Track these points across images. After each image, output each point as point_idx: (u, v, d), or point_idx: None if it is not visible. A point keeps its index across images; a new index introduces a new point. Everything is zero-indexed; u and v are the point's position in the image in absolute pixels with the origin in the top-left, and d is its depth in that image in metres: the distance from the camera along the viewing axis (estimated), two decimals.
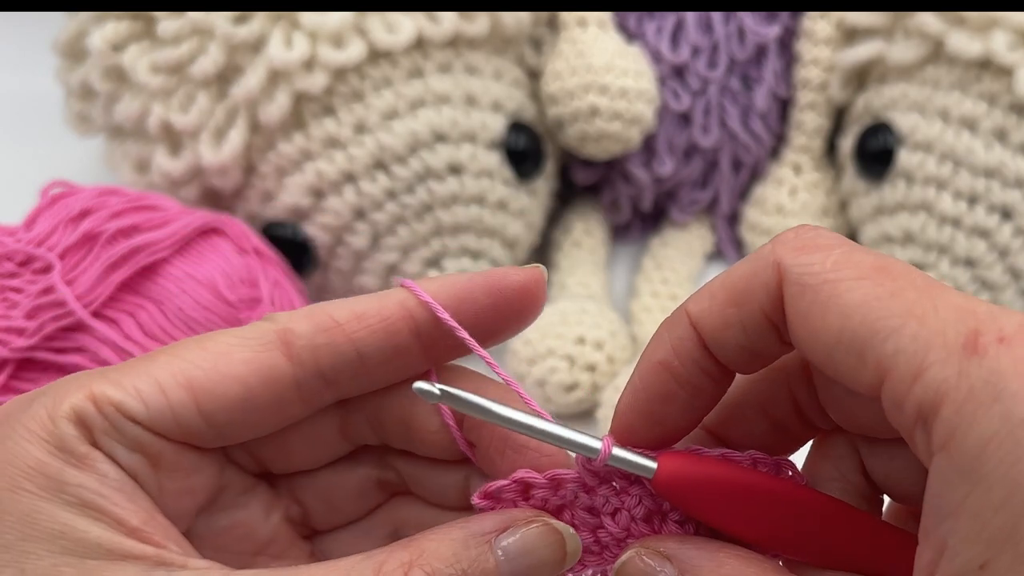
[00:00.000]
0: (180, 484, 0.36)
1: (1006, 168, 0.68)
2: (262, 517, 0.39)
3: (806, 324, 0.32)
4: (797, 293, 0.32)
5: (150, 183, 0.72)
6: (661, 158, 0.80)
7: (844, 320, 0.31)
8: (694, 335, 0.35)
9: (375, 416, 0.39)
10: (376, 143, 0.69)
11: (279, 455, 0.39)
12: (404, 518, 0.41)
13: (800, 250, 0.33)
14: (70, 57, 0.73)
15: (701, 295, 0.35)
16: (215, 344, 0.36)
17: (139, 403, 0.35)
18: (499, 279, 0.38)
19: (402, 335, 0.37)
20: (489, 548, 0.34)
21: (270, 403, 0.36)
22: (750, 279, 0.34)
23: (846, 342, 0.31)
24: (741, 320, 0.34)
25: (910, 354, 0.30)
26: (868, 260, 0.32)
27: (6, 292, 0.60)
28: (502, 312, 0.38)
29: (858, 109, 0.77)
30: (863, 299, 0.31)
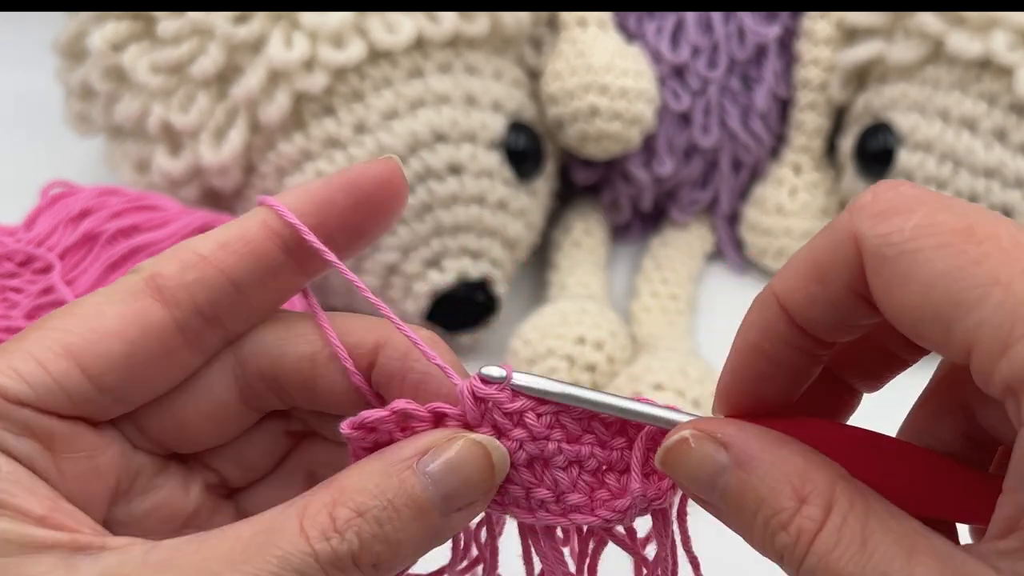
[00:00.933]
0: (82, 466, 0.35)
1: (1006, 168, 0.68)
2: (181, 493, 0.38)
3: (889, 297, 0.31)
4: (877, 266, 0.31)
5: (150, 183, 0.72)
6: (661, 158, 0.80)
7: (926, 293, 0.30)
8: (783, 315, 0.34)
9: (276, 384, 0.37)
10: (376, 143, 0.69)
11: (185, 439, 0.38)
12: (316, 458, 0.40)
13: (877, 217, 0.31)
14: (70, 57, 0.73)
15: (786, 273, 0.34)
16: (85, 307, 0.35)
17: (19, 383, 0.33)
18: (356, 176, 0.37)
19: (271, 254, 0.36)
20: (412, 472, 0.33)
21: (157, 353, 0.35)
22: (831, 254, 0.33)
23: (930, 315, 0.30)
24: (828, 297, 0.33)
25: (995, 326, 0.29)
26: (951, 222, 0.30)
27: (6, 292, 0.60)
28: (364, 208, 0.37)
29: (858, 109, 0.77)
30: (944, 269, 0.30)
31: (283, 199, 0.36)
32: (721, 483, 0.33)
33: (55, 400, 0.34)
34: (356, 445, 0.36)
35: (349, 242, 0.37)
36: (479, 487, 0.35)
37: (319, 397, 0.37)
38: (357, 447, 0.36)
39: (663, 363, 0.66)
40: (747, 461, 0.32)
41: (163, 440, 0.37)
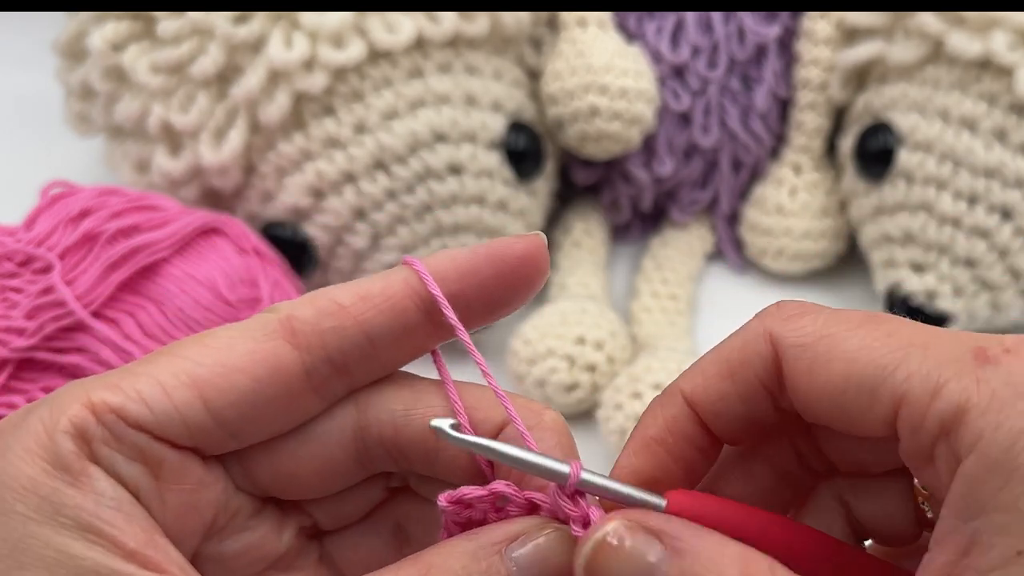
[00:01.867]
0: (184, 499, 0.35)
1: (1006, 168, 0.68)
2: (274, 537, 0.38)
3: (810, 380, 0.33)
4: (796, 354, 0.33)
5: (150, 183, 0.72)
6: (661, 158, 0.80)
7: (849, 365, 0.32)
8: (688, 412, 0.36)
9: (396, 450, 0.38)
10: (376, 143, 0.69)
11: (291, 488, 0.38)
12: (406, 513, 0.40)
13: (789, 319, 0.34)
14: (70, 57, 0.73)
15: (693, 373, 0.36)
16: (216, 339, 0.35)
17: (142, 406, 0.33)
18: (501, 249, 0.37)
19: (409, 313, 0.36)
20: (500, 559, 0.33)
21: (280, 394, 0.35)
22: (742, 351, 0.35)
23: (855, 385, 0.32)
24: (737, 391, 0.35)
25: (923, 376, 0.31)
26: (855, 315, 0.33)
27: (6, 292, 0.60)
28: (506, 282, 0.37)
29: (858, 109, 0.77)
30: (863, 343, 0.32)
31: (428, 262, 0.37)
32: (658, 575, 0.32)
33: (173, 428, 0.34)
34: (449, 519, 0.36)
35: (485, 312, 0.37)
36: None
37: (437, 467, 0.37)
38: (450, 520, 0.36)
39: (663, 363, 0.66)
40: (686, 549, 0.32)
41: (268, 486, 0.37)
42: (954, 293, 0.71)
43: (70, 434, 0.32)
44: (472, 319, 0.37)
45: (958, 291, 0.71)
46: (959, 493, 0.30)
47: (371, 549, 0.39)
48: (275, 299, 0.64)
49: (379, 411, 0.37)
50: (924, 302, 0.71)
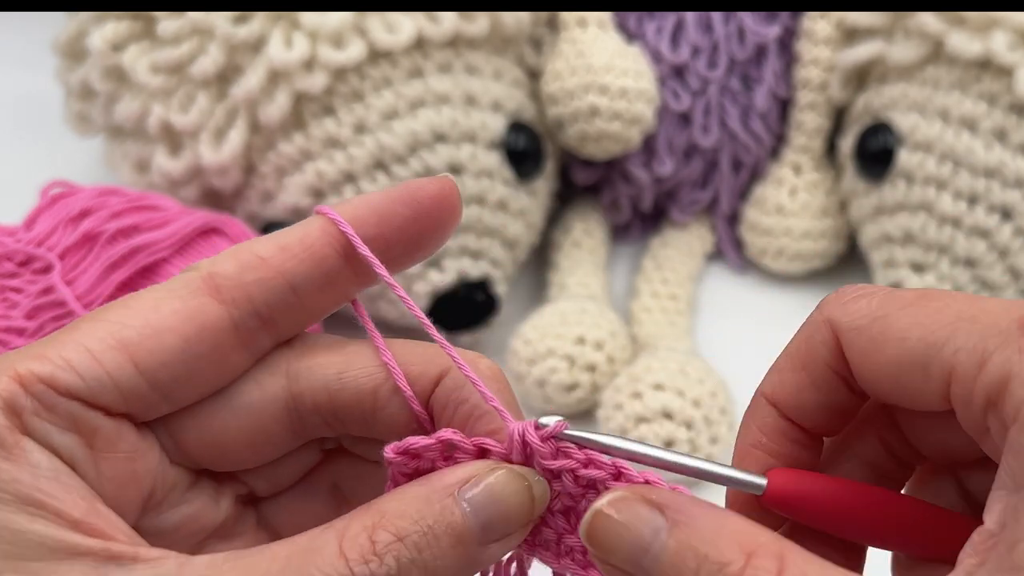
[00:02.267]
0: (121, 469, 0.34)
1: (1006, 168, 0.68)
2: (211, 507, 0.38)
3: (869, 362, 0.34)
4: (854, 337, 0.34)
5: (150, 183, 0.72)
6: (661, 158, 0.80)
7: (902, 344, 0.33)
8: (773, 411, 0.37)
9: (332, 416, 0.37)
10: (376, 143, 0.69)
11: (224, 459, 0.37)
12: (342, 473, 0.40)
13: (845, 303, 0.35)
14: (70, 57, 0.73)
15: (769, 374, 0.37)
16: (141, 301, 0.35)
17: (71, 374, 0.33)
18: (415, 190, 0.37)
19: (329, 260, 0.36)
20: (454, 501, 0.33)
21: (210, 351, 0.35)
22: (808, 342, 0.36)
23: (908, 363, 0.33)
24: (812, 381, 0.36)
25: (970, 350, 0.32)
26: (908, 294, 0.34)
27: (6, 292, 0.60)
28: (421, 223, 0.37)
29: (858, 109, 0.77)
30: (914, 320, 0.33)
31: (341, 208, 0.37)
32: (655, 546, 0.31)
33: (106, 394, 0.33)
34: (396, 470, 0.36)
35: (405, 255, 0.38)
36: (518, 519, 0.34)
37: (376, 428, 0.37)
38: (397, 472, 0.36)
39: (663, 363, 0.66)
40: (686, 520, 0.32)
41: (200, 458, 0.37)
42: None
43: (0, 408, 0.32)
44: (390, 263, 0.37)
45: (958, 291, 0.71)
46: (1006, 462, 0.31)
47: (309, 511, 0.39)
48: None
49: (311, 379, 0.37)
50: None
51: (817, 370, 0.36)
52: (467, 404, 0.36)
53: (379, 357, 0.37)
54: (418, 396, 0.37)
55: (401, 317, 0.72)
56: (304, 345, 0.37)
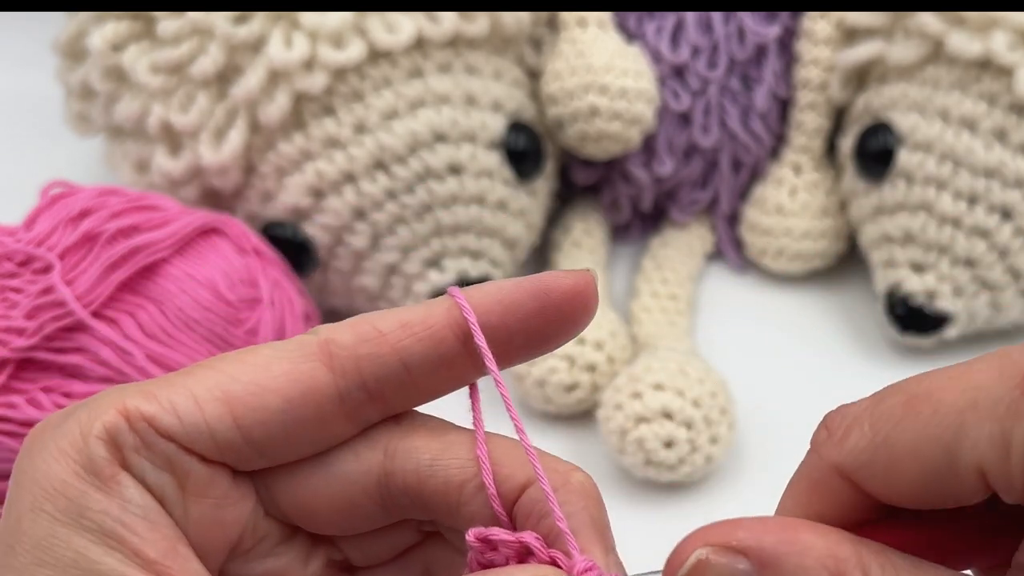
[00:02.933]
0: (209, 513, 0.35)
1: (1006, 168, 0.68)
2: (300, 566, 0.38)
3: (893, 488, 0.33)
4: (867, 474, 0.33)
5: (150, 183, 0.72)
6: (661, 158, 0.80)
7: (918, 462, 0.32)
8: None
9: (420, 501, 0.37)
10: (376, 143, 0.69)
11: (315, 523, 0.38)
12: (436, 558, 0.40)
13: (840, 441, 0.34)
14: (70, 57, 0.73)
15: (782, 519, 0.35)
16: (256, 356, 0.35)
17: (173, 417, 0.33)
18: (548, 283, 0.36)
19: (448, 343, 0.36)
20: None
21: (311, 416, 0.35)
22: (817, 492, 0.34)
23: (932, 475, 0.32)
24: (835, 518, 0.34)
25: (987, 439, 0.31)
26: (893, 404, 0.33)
27: (6, 292, 0.60)
28: (550, 318, 0.36)
29: (858, 109, 0.77)
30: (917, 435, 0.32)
31: (471, 293, 0.36)
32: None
33: (201, 441, 0.34)
34: (474, 556, 0.36)
35: (526, 348, 0.37)
36: None
37: (459, 521, 0.37)
38: (474, 560, 0.36)
39: (663, 363, 0.66)
40: (771, 561, 0.32)
41: (292, 515, 0.37)
42: (954, 293, 0.71)
43: (103, 439, 0.33)
44: (512, 354, 0.37)
45: (958, 291, 0.71)
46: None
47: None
48: (275, 299, 0.64)
49: (405, 459, 0.37)
50: (924, 302, 0.71)
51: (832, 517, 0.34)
52: (550, 518, 0.36)
53: (475, 450, 0.36)
54: (504, 498, 0.36)
55: None
56: (409, 424, 0.37)
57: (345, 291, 0.72)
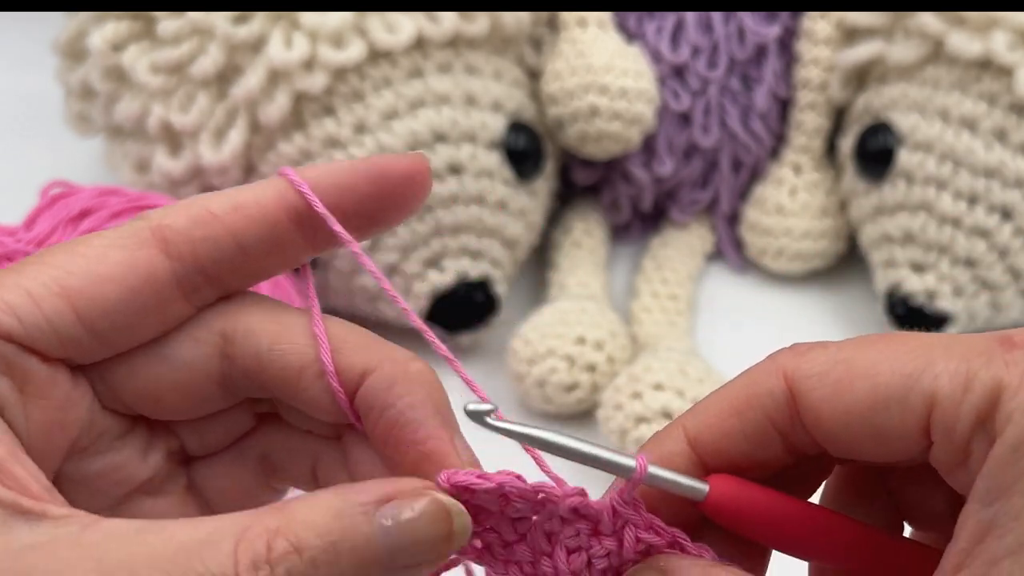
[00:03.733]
0: (50, 416, 0.34)
1: (1006, 168, 0.68)
2: (139, 459, 0.37)
3: (832, 408, 0.32)
4: (814, 385, 0.33)
5: (150, 183, 0.72)
6: (661, 158, 0.80)
7: (872, 380, 0.32)
8: (687, 450, 0.35)
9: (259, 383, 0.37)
10: (376, 143, 0.69)
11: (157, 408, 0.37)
12: (272, 442, 0.39)
13: (801, 354, 0.34)
14: (70, 57, 0.73)
15: (696, 412, 0.35)
16: (87, 247, 0.34)
17: (11, 317, 0.32)
18: (383, 166, 0.36)
19: (282, 224, 0.36)
20: (366, 520, 0.31)
21: (151, 302, 0.35)
22: (752, 388, 0.34)
23: (882, 398, 0.31)
24: (743, 430, 0.34)
25: (952, 372, 0.31)
26: (870, 336, 0.33)
27: None
28: (385, 200, 0.37)
29: (858, 109, 0.77)
30: (883, 356, 0.32)
31: (304, 173, 0.36)
32: None
33: (43, 339, 0.33)
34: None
35: (361, 228, 0.37)
36: (430, 554, 0.32)
37: (299, 403, 0.37)
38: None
39: (663, 363, 0.66)
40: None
41: (133, 404, 0.37)
42: (954, 293, 0.71)
43: None
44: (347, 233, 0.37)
45: (958, 291, 0.71)
46: (983, 477, 0.30)
47: (238, 479, 0.39)
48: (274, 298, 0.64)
49: (244, 344, 0.36)
50: (924, 302, 0.71)
51: (754, 420, 0.34)
52: (393, 409, 0.35)
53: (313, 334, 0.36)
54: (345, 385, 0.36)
55: (400, 318, 0.72)
56: (243, 305, 0.37)
57: (345, 291, 0.72)
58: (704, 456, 0.35)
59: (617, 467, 0.33)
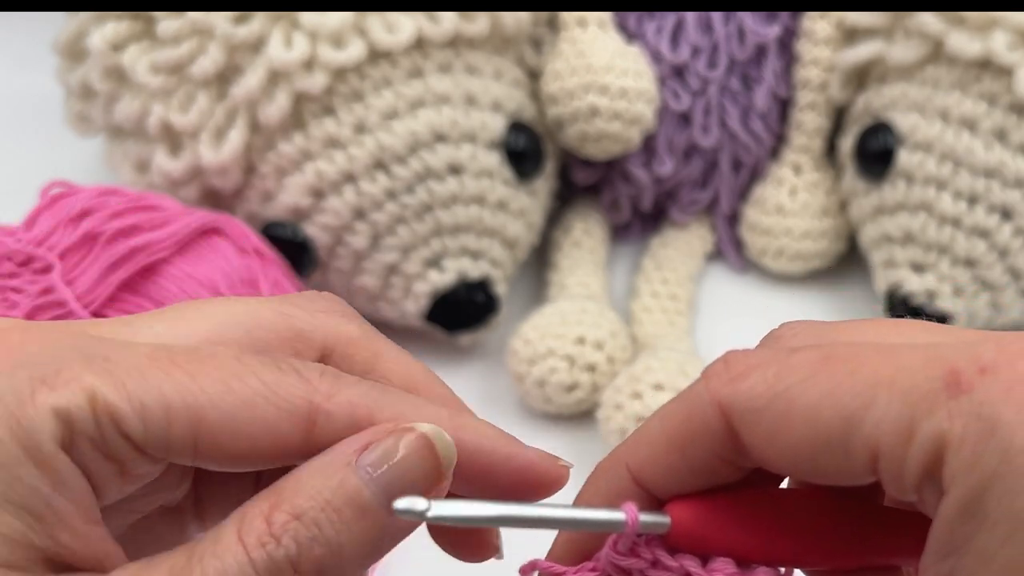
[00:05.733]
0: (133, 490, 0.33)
1: (1006, 168, 0.68)
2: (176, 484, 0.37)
3: (773, 447, 0.31)
4: (752, 421, 0.31)
5: (150, 183, 0.72)
6: (661, 158, 0.80)
7: (812, 423, 0.30)
8: (633, 487, 0.33)
9: None
10: (376, 143, 0.69)
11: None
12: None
13: (736, 379, 0.31)
14: (70, 57, 0.73)
15: (637, 445, 0.33)
16: (242, 384, 0.32)
17: (139, 423, 0.31)
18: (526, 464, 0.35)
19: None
20: (352, 470, 0.31)
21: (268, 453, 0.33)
22: (689, 424, 0.32)
23: (823, 442, 0.30)
24: (688, 466, 0.32)
25: (893, 420, 0.29)
26: (809, 357, 0.31)
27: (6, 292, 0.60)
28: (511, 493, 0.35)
29: (858, 109, 0.77)
30: (822, 392, 0.30)
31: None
32: None
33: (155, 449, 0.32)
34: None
35: None
36: (424, 480, 0.32)
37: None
38: None
39: (663, 363, 0.66)
40: None
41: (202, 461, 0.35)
42: (954, 293, 0.71)
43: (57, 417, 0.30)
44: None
45: (958, 291, 0.71)
46: (936, 532, 0.29)
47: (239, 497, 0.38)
48: None
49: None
50: (924, 302, 0.71)
51: (697, 457, 0.32)
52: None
53: None
54: None
55: (400, 318, 0.72)
56: None
57: (345, 291, 0.72)
58: (653, 491, 0.33)
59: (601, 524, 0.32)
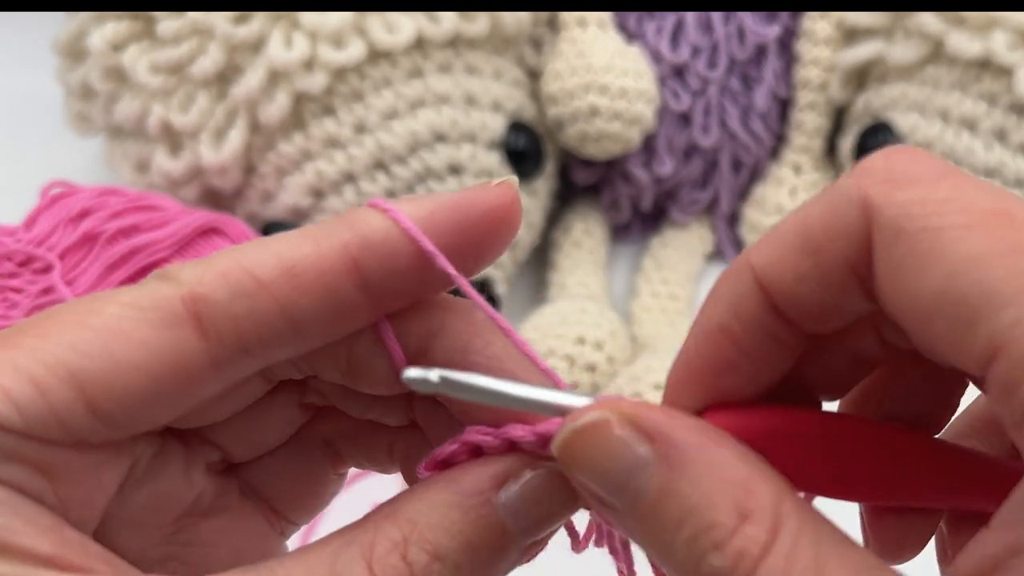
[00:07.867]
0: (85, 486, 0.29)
1: (1006, 168, 0.68)
2: (182, 478, 0.32)
3: (900, 281, 0.26)
4: (890, 241, 0.26)
5: (150, 183, 0.72)
6: (661, 158, 0.80)
7: (950, 279, 0.25)
8: (759, 292, 0.28)
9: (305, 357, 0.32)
10: (376, 143, 0.69)
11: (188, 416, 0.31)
12: (335, 430, 0.35)
13: (895, 183, 0.26)
14: (70, 57, 0.73)
15: (768, 243, 0.28)
16: (101, 317, 0.28)
17: (10, 407, 0.27)
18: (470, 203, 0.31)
19: (344, 291, 0.29)
20: (491, 508, 0.29)
21: (180, 390, 0.29)
22: (829, 221, 0.27)
23: (951, 307, 0.25)
24: (819, 272, 0.27)
25: None
26: (983, 200, 0.25)
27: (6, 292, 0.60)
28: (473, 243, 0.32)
29: (858, 109, 0.77)
30: (976, 253, 0.24)
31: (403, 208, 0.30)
32: (636, 483, 0.27)
33: (47, 431, 0.28)
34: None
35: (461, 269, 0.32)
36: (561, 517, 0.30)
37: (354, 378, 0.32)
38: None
39: (663, 363, 0.66)
40: (677, 460, 0.26)
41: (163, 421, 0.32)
42: None
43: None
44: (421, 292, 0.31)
45: None
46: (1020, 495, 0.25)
47: (300, 470, 0.35)
48: None
49: None
50: None
51: (830, 263, 0.27)
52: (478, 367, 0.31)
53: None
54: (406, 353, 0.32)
55: None
56: None
57: None
58: (776, 299, 0.28)
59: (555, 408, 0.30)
